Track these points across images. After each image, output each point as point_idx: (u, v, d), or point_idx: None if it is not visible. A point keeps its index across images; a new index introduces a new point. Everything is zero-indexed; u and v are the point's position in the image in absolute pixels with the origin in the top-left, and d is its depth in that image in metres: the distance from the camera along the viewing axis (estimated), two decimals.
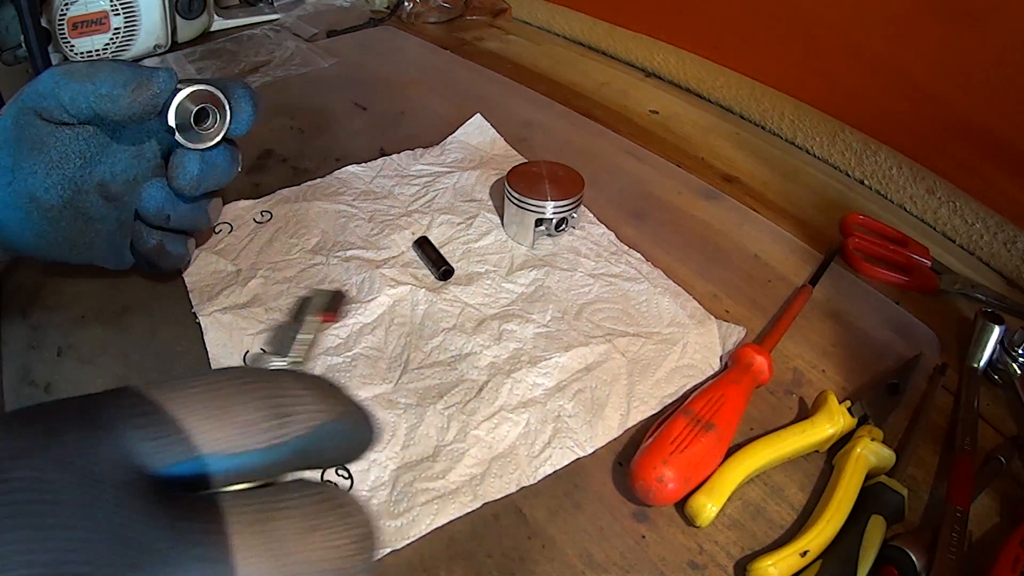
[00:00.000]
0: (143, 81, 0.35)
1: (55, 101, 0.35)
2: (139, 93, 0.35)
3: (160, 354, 0.41)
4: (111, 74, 0.35)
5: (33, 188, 0.37)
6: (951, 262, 0.52)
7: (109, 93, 0.35)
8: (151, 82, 0.35)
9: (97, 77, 0.35)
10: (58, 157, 0.38)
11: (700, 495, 0.33)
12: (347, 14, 0.93)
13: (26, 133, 0.36)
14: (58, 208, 0.38)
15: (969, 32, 0.50)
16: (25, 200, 0.37)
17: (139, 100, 0.35)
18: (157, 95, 0.35)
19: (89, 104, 0.35)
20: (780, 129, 0.68)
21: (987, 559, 0.31)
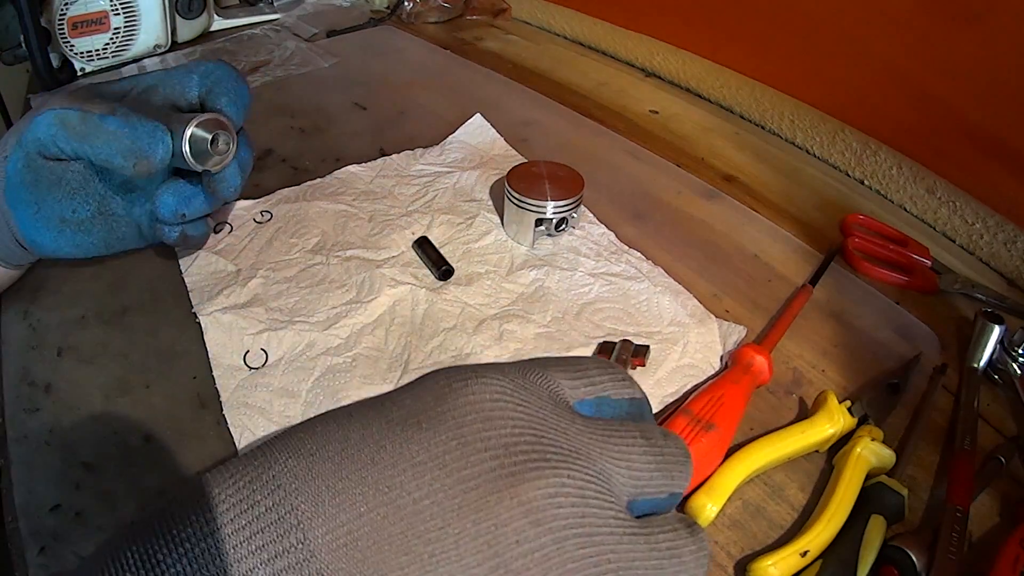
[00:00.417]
0: (142, 158, 0.35)
1: (57, 150, 0.36)
2: (140, 169, 0.36)
3: (160, 354, 0.41)
4: (107, 141, 0.35)
5: (61, 211, 0.39)
6: (951, 262, 0.52)
7: (108, 160, 0.36)
8: (149, 160, 0.36)
9: (95, 141, 0.35)
10: (78, 183, 0.39)
11: (700, 495, 0.33)
12: (347, 14, 0.93)
13: (41, 175, 0.37)
14: (88, 220, 0.40)
15: (969, 32, 0.50)
16: (56, 222, 0.39)
17: (140, 173, 0.36)
18: (154, 170, 0.36)
19: (93, 161, 0.36)
20: (780, 129, 0.68)
21: (987, 559, 0.31)
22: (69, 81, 0.71)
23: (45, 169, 0.37)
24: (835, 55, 0.60)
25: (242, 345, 0.41)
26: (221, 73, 0.40)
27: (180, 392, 0.39)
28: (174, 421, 0.37)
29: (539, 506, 0.19)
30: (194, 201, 0.40)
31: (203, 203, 0.41)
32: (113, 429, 0.36)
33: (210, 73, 0.40)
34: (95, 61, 0.73)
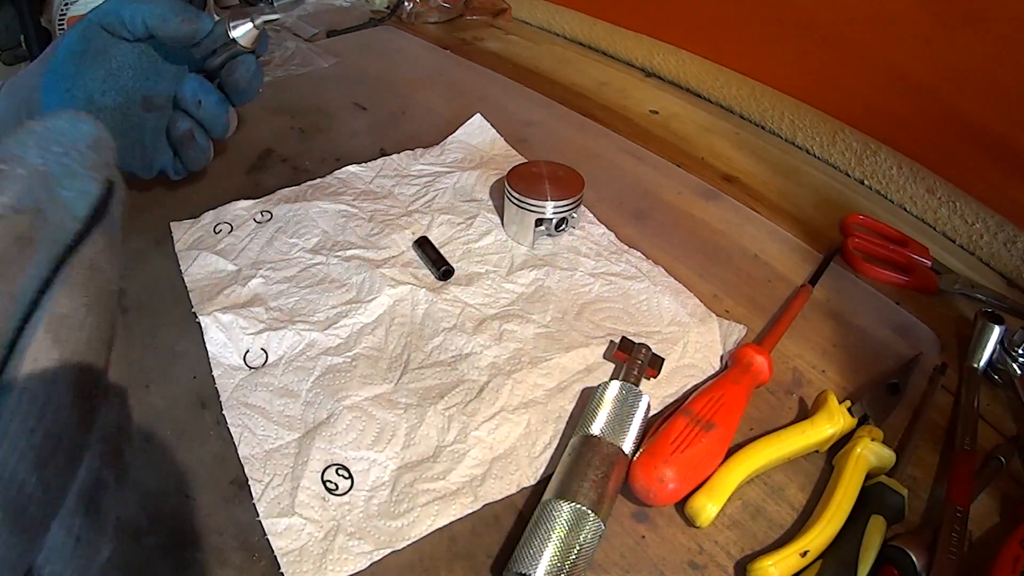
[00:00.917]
0: (190, 16, 0.42)
1: (116, 17, 0.42)
2: (186, 24, 0.42)
3: (160, 354, 0.41)
4: (164, 3, 0.42)
5: (91, 91, 0.43)
6: (951, 262, 0.52)
7: (163, 15, 0.42)
8: (197, 19, 0.43)
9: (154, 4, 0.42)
10: (116, 66, 0.44)
11: (700, 495, 0.33)
12: (347, 14, 0.93)
13: (92, 44, 0.43)
14: (109, 110, 0.44)
15: (969, 32, 0.50)
16: (83, 101, 0.43)
17: (184, 28, 0.42)
18: (197, 31, 0.43)
19: (144, 21, 0.42)
20: (780, 129, 0.68)
21: (987, 559, 0.31)
22: None
23: (99, 39, 0.43)
24: (835, 55, 0.60)
25: (242, 345, 0.41)
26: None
27: (180, 392, 0.39)
28: (174, 421, 0.37)
29: None
30: (212, 95, 0.45)
31: (216, 102, 0.45)
32: None
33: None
34: None
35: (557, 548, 0.30)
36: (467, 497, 0.34)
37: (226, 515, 0.33)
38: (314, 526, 0.32)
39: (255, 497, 0.33)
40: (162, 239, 0.49)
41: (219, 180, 0.56)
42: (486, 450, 0.36)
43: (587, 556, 0.30)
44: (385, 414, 0.38)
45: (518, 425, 0.38)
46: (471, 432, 0.37)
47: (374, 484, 0.34)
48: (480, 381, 0.40)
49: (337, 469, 0.35)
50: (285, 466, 0.35)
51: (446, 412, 0.38)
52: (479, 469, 0.36)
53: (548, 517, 0.31)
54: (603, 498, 0.32)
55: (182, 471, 0.35)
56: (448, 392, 0.39)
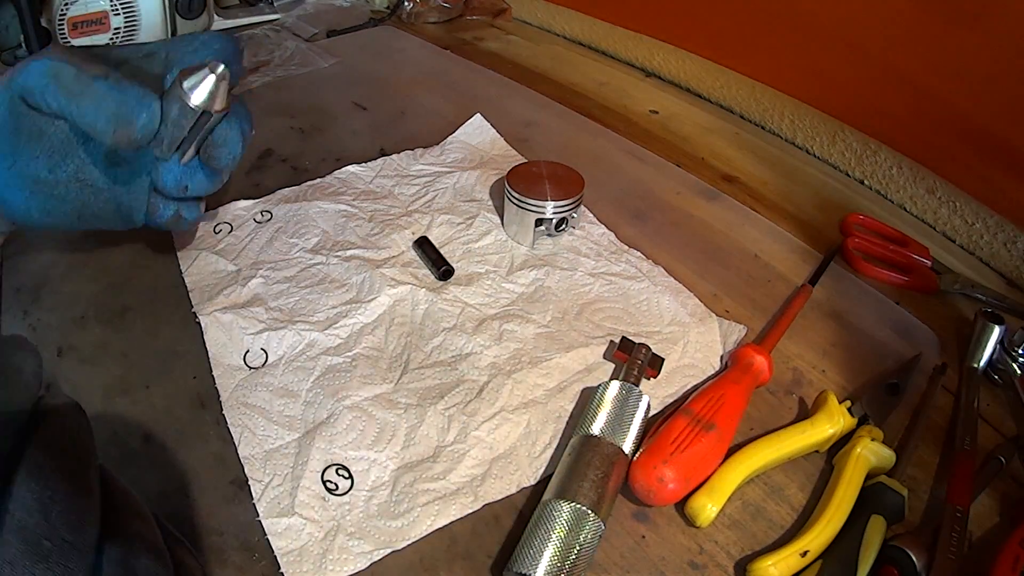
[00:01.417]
0: (124, 122, 0.33)
1: (43, 102, 0.34)
2: (120, 135, 0.33)
3: (160, 354, 0.41)
4: (95, 101, 0.33)
5: (36, 170, 0.36)
6: (951, 262, 0.52)
7: (92, 124, 0.34)
8: (132, 126, 0.33)
9: (82, 101, 0.33)
10: (59, 142, 0.37)
11: (700, 495, 0.33)
12: (347, 14, 0.93)
13: (23, 123, 0.35)
14: (64, 183, 0.37)
15: (969, 32, 0.50)
16: (29, 181, 0.36)
17: (120, 141, 0.34)
18: (136, 140, 0.34)
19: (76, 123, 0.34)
20: (780, 129, 0.68)
21: (987, 559, 0.31)
22: None
23: (28, 119, 0.35)
24: (835, 55, 0.60)
25: (242, 345, 0.41)
26: (222, 44, 0.39)
27: (180, 392, 0.39)
28: (174, 421, 0.37)
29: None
30: (198, 174, 0.38)
31: (205, 178, 0.39)
32: (113, 429, 0.36)
33: (211, 43, 0.39)
34: None
35: (557, 548, 0.30)
36: (467, 497, 0.34)
37: (226, 515, 0.33)
38: (314, 526, 0.32)
39: (255, 497, 0.33)
40: (162, 239, 0.49)
41: None
42: (486, 450, 0.36)
43: (587, 556, 0.30)
44: (385, 414, 0.38)
45: (518, 425, 0.38)
46: (471, 432, 0.37)
47: (374, 484, 0.34)
48: (480, 381, 0.40)
49: (337, 469, 0.35)
50: (285, 466, 0.35)
51: (446, 412, 0.38)
52: (479, 469, 0.36)
53: (548, 517, 0.31)
54: (603, 498, 0.32)
55: (182, 471, 0.35)
56: (448, 392, 0.39)
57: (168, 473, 0.35)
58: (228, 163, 0.38)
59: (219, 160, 0.38)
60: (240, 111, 0.38)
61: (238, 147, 0.38)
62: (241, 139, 0.38)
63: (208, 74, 0.34)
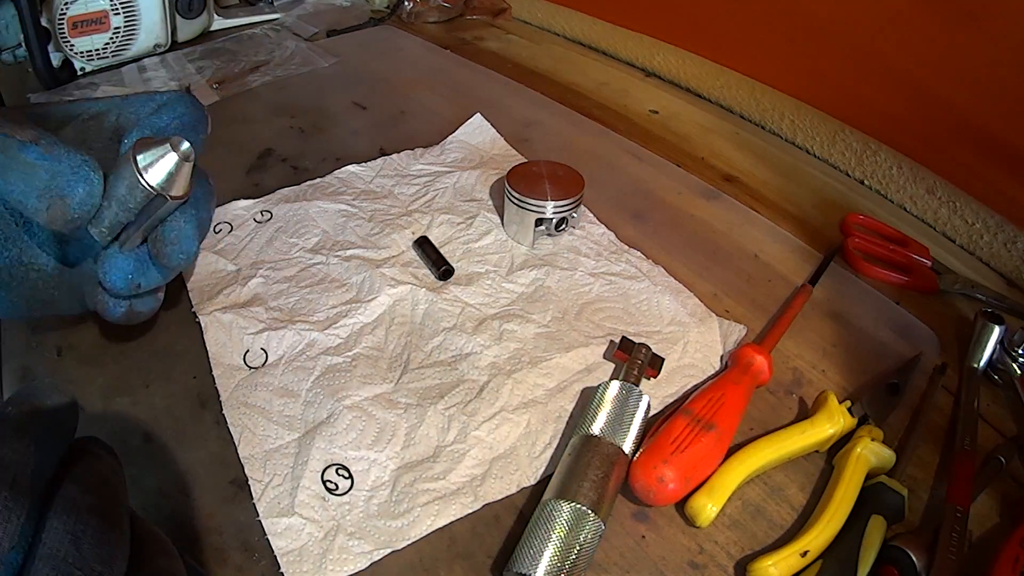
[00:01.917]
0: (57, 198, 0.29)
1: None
2: (54, 214, 0.29)
3: (160, 354, 0.41)
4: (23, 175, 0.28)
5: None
6: (951, 262, 0.52)
7: (21, 201, 0.29)
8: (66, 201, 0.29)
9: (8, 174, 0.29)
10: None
11: (700, 495, 0.33)
12: (347, 14, 0.93)
13: None
14: (7, 269, 0.32)
15: (969, 32, 0.50)
16: None
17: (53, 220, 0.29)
18: (72, 219, 0.29)
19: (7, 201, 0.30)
20: (780, 129, 0.68)
21: (987, 559, 0.31)
22: (69, 81, 0.71)
23: None
24: (835, 55, 0.60)
25: (242, 345, 0.41)
26: (185, 109, 0.35)
27: (180, 392, 0.39)
28: (174, 421, 0.37)
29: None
30: (150, 270, 0.33)
31: (158, 273, 0.33)
32: (113, 429, 0.36)
33: (173, 106, 0.34)
34: (95, 61, 0.73)
35: (557, 548, 0.30)
36: (467, 497, 0.34)
37: (226, 515, 0.33)
38: (314, 526, 0.32)
39: (255, 497, 0.33)
40: None
41: (219, 180, 0.56)
42: (486, 450, 0.36)
43: (587, 556, 0.30)
44: (385, 414, 0.38)
45: (518, 425, 0.38)
46: (471, 432, 0.37)
47: (374, 484, 0.34)
48: (480, 381, 0.40)
49: (337, 469, 0.35)
50: (285, 466, 0.35)
51: (446, 412, 0.38)
52: (479, 469, 0.36)
53: (548, 517, 0.31)
54: (603, 498, 0.32)
55: (182, 471, 0.35)
56: (448, 392, 0.39)
57: (168, 473, 0.35)
58: (179, 263, 0.33)
59: (169, 258, 0.32)
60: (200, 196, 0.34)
61: (193, 245, 0.33)
62: (197, 235, 0.33)
63: (169, 151, 0.29)
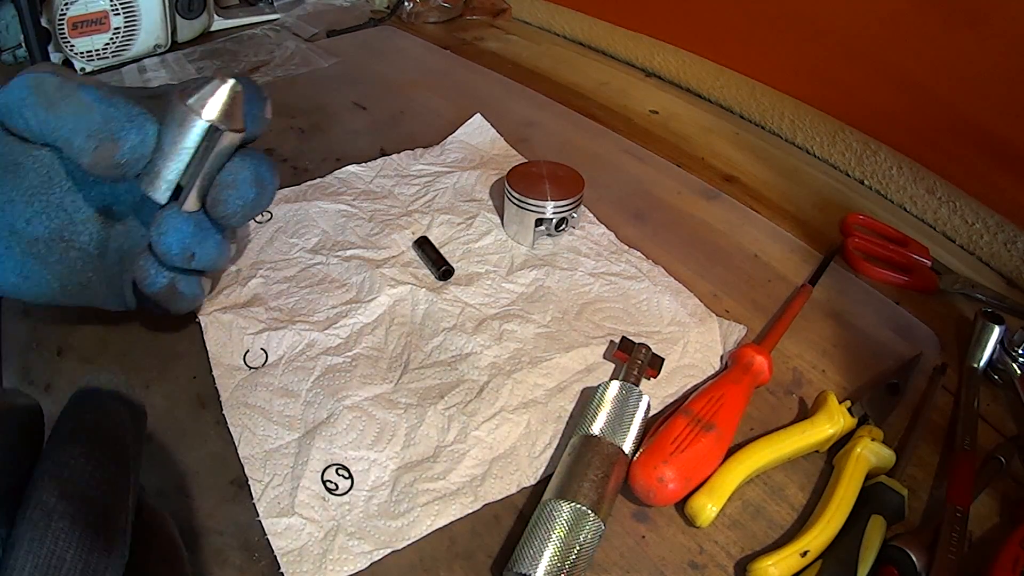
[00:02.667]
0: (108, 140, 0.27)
1: (22, 122, 0.29)
2: (99, 157, 0.28)
3: (160, 354, 0.41)
4: (77, 114, 0.28)
5: (11, 219, 0.30)
6: (951, 262, 0.52)
7: (69, 140, 0.28)
8: (116, 145, 0.27)
9: (61, 112, 0.28)
10: (39, 182, 0.31)
11: (700, 495, 0.33)
12: (347, 14, 0.93)
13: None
14: (44, 240, 0.31)
15: (969, 32, 0.50)
16: (4, 233, 0.31)
17: (100, 163, 0.28)
18: (121, 165, 0.28)
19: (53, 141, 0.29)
20: (780, 129, 0.68)
21: (987, 559, 0.31)
22: None
23: (4, 145, 0.30)
24: (835, 55, 0.60)
25: (242, 345, 0.41)
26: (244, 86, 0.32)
27: (180, 392, 0.39)
28: (174, 421, 0.37)
29: None
30: (209, 240, 0.31)
31: (217, 245, 0.32)
32: None
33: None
34: (95, 61, 0.73)
35: (557, 548, 0.30)
36: (467, 497, 0.34)
37: (226, 515, 0.33)
38: (314, 526, 0.32)
39: (255, 497, 0.33)
40: None
41: None
42: (486, 450, 0.36)
43: (587, 556, 0.30)
44: (385, 414, 0.38)
45: (518, 425, 0.38)
46: (471, 432, 0.37)
47: (374, 484, 0.34)
48: (480, 381, 0.40)
49: (337, 469, 0.35)
50: (285, 466, 0.35)
51: (446, 412, 0.38)
52: (479, 469, 0.36)
53: (548, 517, 0.31)
54: (603, 498, 0.32)
55: (182, 471, 0.35)
56: (448, 392, 0.39)
57: (168, 473, 0.35)
58: (237, 210, 0.31)
59: (225, 205, 0.30)
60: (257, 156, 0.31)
61: (250, 191, 0.30)
62: (254, 182, 0.31)
63: (217, 84, 0.28)
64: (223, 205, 0.30)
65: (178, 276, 0.33)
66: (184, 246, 0.31)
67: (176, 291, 0.33)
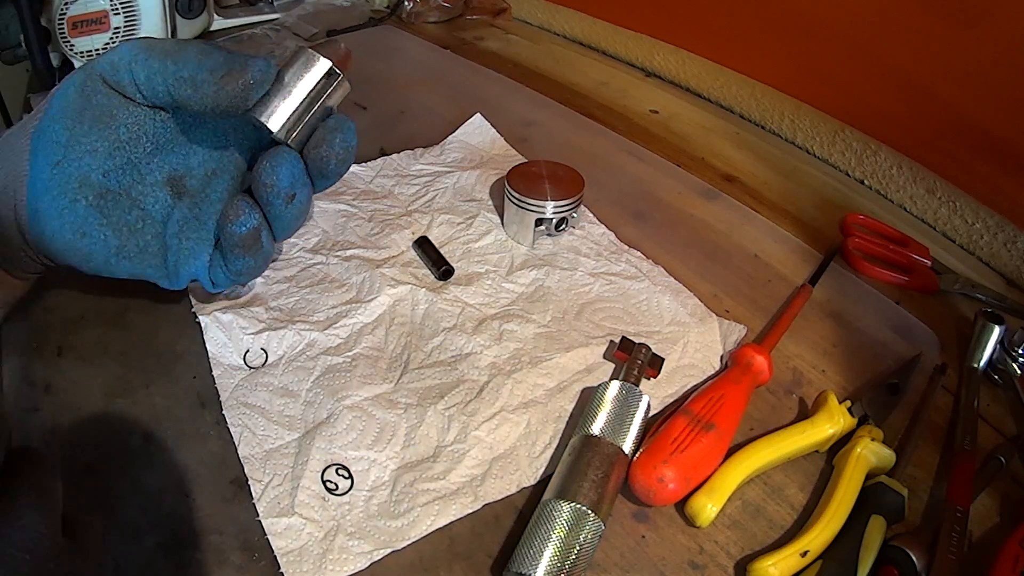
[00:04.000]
0: (235, 69, 0.29)
1: (129, 76, 0.30)
2: (228, 81, 0.29)
3: (160, 354, 0.41)
4: (199, 56, 0.30)
5: (88, 169, 0.32)
6: (951, 262, 0.52)
7: (192, 77, 0.29)
8: (244, 71, 0.29)
9: (182, 57, 0.30)
10: (127, 136, 0.32)
11: (700, 495, 0.33)
12: (347, 14, 0.93)
13: (92, 102, 0.31)
14: (114, 195, 0.32)
15: (968, 32, 0.50)
16: (74, 184, 0.31)
17: (227, 89, 0.29)
18: (250, 87, 0.29)
19: (167, 87, 0.30)
20: (780, 129, 0.68)
21: (987, 559, 0.31)
22: None
23: (100, 98, 0.31)
24: (835, 55, 0.60)
25: (242, 344, 0.41)
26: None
27: (180, 392, 0.39)
28: (174, 421, 0.37)
29: None
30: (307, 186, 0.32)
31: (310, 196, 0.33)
32: (113, 429, 0.36)
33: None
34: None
35: (557, 548, 0.30)
36: (467, 497, 0.34)
37: (226, 515, 0.33)
38: (314, 526, 0.32)
39: (255, 497, 0.33)
40: None
41: None
42: (486, 450, 0.36)
43: (587, 556, 0.30)
44: (385, 414, 0.38)
45: (518, 425, 0.38)
46: (471, 432, 0.37)
47: (374, 484, 0.34)
48: (480, 381, 0.40)
49: (337, 469, 0.35)
50: (285, 466, 0.35)
51: (446, 412, 0.38)
52: (479, 469, 0.36)
53: (548, 517, 0.31)
54: (603, 498, 0.32)
55: (182, 471, 0.35)
56: (448, 392, 0.39)
57: (168, 473, 0.35)
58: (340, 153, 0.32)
59: (331, 146, 0.32)
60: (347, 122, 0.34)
61: (353, 139, 0.33)
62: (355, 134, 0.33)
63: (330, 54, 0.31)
64: (328, 146, 0.32)
65: (264, 224, 0.33)
66: (292, 182, 0.31)
67: (259, 239, 0.33)
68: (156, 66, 0.30)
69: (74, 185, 0.32)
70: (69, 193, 0.32)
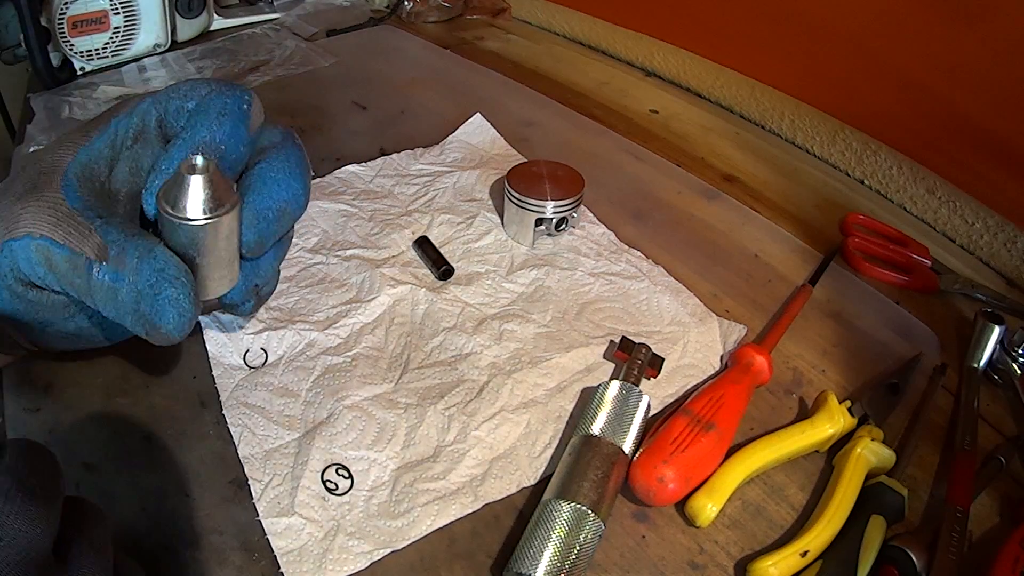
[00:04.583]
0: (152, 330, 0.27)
1: (50, 288, 0.29)
2: (158, 340, 0.27)
3: (160, 354, 0.41)
4: (107, 298, 0.27)
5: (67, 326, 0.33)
6: (951, 262, 0.52)
7: (120, 321, 0.27)
8: (160, 331, 0.27)
9: (95, 297, 0.27)
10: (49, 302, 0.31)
11: (700, 495, 0.33)
12: (347, 13, 0.93)
13: (34, 302, 0.30)
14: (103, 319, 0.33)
15: (968, 31, 0.50)
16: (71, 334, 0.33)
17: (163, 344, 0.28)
18: (179, 338, 0.27)
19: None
20: (780, 129, 0.68)
21: (987, 559, 0.31)
22: (69, 80, 0.71)
23: (35, 295, 0.30)
24: (835, 55, 0.60)
25: (242, 344, 0.41)
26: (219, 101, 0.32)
27: (180, 392, 0.39)
28: (174, 421, 0.37)
29: None
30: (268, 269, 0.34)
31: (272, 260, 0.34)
32: (113, 429, 0.36)
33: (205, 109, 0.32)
34: (95, 60, 0.73)
35: (557, 548, 0.30)
36: (467, 497, 0.34)
37: (226, 515, 0.33)
38: (314, 526, 0.32)
39: (255, 497, 0.33)
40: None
41: None
42: (486, 450, 0.36)
43: (587, 556, 0.30)
44: (385, 414, 0.38)
45: (518, 425, 0.38)
46: (471, 432, 0.37)
47: (374, 484, 0.34)
48: (480, 381, 0.40)
49: (337, 469, 0.35)
50: (285, 466, 0.35)
51: (446, 412, 0.38)
52: (479, 469, 0.36)
53: (548, 517, 0.31)
54: (603, 498, 0.32)
55: (182, 471, 0.35)
56: (448, 392, 0.39)
57: (168, 473, 0.35)
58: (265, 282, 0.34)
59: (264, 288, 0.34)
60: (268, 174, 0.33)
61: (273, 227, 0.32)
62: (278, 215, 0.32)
63: (185, 178, 0.26)
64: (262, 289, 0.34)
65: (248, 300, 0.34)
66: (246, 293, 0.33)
67: (261, 297, 0.36)
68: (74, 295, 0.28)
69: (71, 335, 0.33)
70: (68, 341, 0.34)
